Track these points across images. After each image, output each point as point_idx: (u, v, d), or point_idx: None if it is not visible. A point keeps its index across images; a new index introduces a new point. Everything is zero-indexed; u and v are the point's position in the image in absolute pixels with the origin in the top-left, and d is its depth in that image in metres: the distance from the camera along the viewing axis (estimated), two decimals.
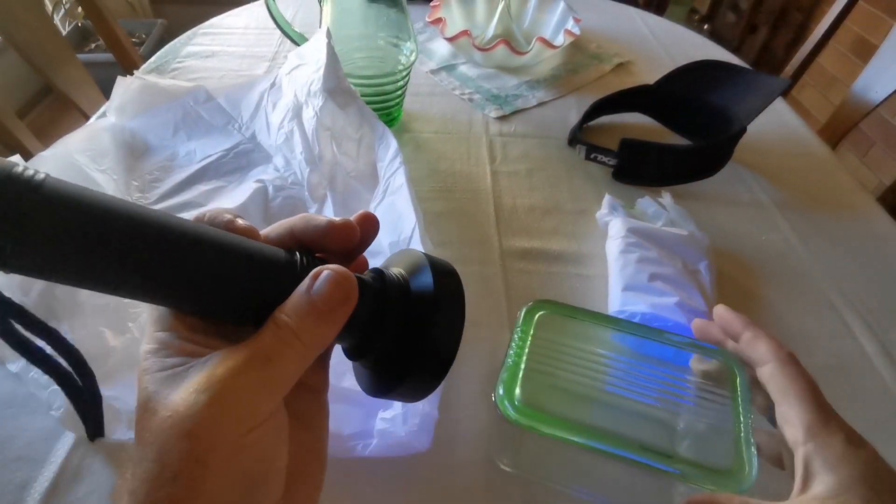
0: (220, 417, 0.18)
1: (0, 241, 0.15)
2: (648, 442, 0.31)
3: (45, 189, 0.16)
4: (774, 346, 0.31)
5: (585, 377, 0.34)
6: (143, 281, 0.18)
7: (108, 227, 0.17)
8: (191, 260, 0.19)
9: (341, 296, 0.20)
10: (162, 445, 0.17)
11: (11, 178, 0.15)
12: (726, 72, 0.71)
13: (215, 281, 0.19)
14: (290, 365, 0.19)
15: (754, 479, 0.29)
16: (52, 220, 0.16)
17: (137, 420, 0.19)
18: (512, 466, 0.37)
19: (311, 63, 0.54)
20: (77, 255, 0.17)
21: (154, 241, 0.18)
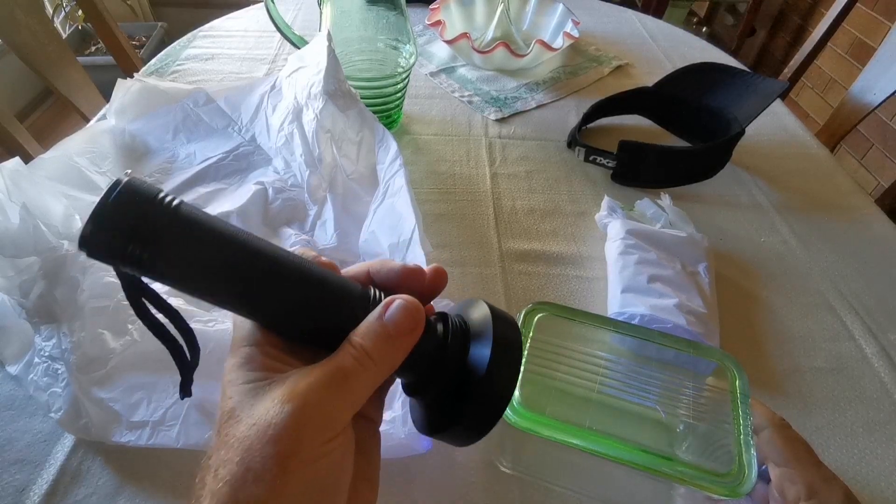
0: (303, 426, 0.19)
1: (139, 251, 0.19)
2: (648, 444, 0.31)
3: (181, 212, 0.19)
4: (768, 413, 0.33)
5: (585, 379, 0.34)
6: (249, 300, 0.21)
7: (227, 250, 0.20)
8: (292, 287, 0.22)
9: (411, 323, 0.22)
10: (246, 450, 0.19)
11: (155, 201, 0.19)
12: (725, 74, 0.71)
13: (308, 307, 0.22)
14: (363, 383, 0.21)
15: (754, 482, 0.29)
16: (182, 238, 0.19)
17: (220, 427, 0.20)
18: (512, 468, 0.37)
19: (312, 66, 0.54)
20: (198, 270, 0.20)
21: (264, 267, 0.21)
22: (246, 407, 0.20)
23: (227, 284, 0.21)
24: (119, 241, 0.18)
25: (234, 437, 0.19)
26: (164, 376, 0.37)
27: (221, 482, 0.19)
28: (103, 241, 0.18)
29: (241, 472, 0.19)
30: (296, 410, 0.19)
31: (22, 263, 0.38)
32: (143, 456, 0.36)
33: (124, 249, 0.18)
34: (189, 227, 0.20)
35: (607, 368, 0.35)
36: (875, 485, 0.38)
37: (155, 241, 0.19)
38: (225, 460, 0.19)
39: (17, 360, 0.39)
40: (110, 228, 0.18)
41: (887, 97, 0.83)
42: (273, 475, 0.19)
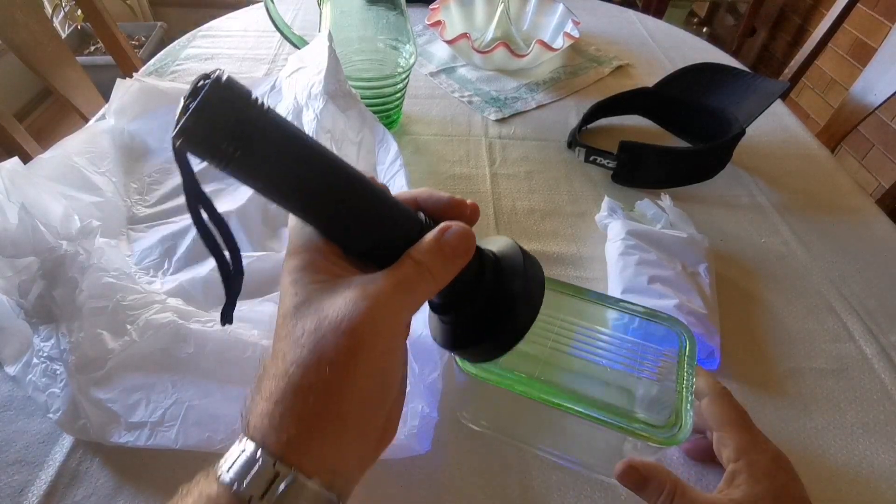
0: (375, 322, 0.21)
1: (234, 148, 0.19)
2: (589, 394, 0.33)
3: (272, 115, 0.20)
4: (711, 381, 0.36)
5: (541, 337, 0.37)
6: (323, 208, 0.22)
7: (309, 158, 0.21)
8: (364, 201, 0.23)
9: (465, 246, 0.24)
10: (320, 339, 0.21)
11: (251, 101, 0.20)
12: (725, 74, 0.71)
13: (375, 222, 0.24)
14: (423, 293, 0.23)
15: (689, 432, 0.31)
16: (272, 140, 0.20)
17: (284, 322, 0.22)
18: (472, 422, 0.39)
19: (312, 66, 0.54)
20: (282, 174, 0.21)
21: (341, 179, 0.22)
22: (314, 303, 0.22)
23: (306, 191, 0.22)
24: (218, 135, 0.19)
25: (302, 329, 0.21)
26: (163, 377, 0.37)
27: (293, 365, 0.21)
28: (204, 134, 0.19)
29: (314, 357, 0.21)
30: (370, 308, 0.21)
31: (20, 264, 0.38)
32: (141, 457, 0.36)
33: (220, 144, 0.19)
34: (279, 131, 0.20)
35: (563, 329, 0.38)
36: (875, 485, 0.38)
37: (249, 140, 0.19)
38: (294, 347, 0.21)
39: (16, 360, 0.39)
40: (213, 122, 0.19)
41: (888, 98, 0.83)
42: (345, 362, 0.21)
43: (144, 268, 0.48)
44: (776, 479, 0.31)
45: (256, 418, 0.21)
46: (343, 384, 0.21)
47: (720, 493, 0.31)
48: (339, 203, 0.23)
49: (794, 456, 0.33)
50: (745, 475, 0.31)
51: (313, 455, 0.21)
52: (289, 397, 0.21)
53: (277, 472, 0.20)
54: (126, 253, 0.49)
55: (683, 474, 0.38)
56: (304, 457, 0.21)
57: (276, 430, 0.21)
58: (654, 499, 0.31)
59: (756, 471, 0.31)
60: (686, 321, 0.43)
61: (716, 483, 0.33)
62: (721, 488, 0.32)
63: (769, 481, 0.31)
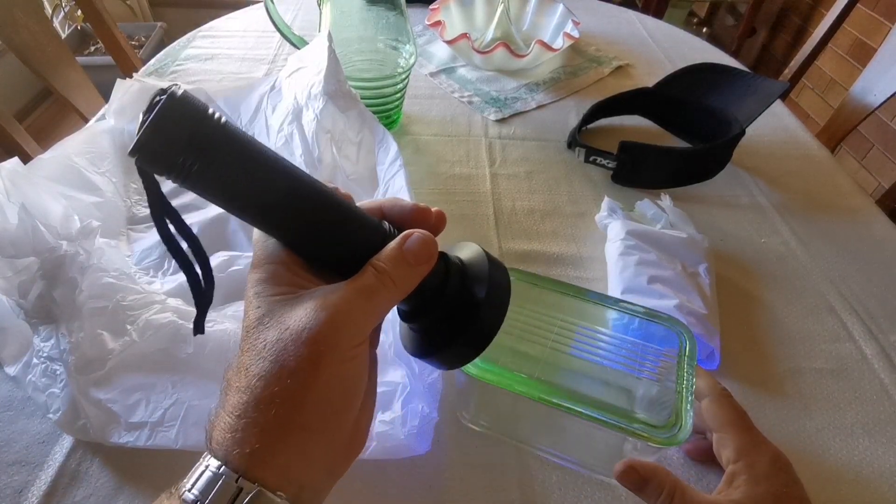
0: (336, 331, 0.21)
1: (191, 161, 0.19)
2: (590, 394, 0.33)
3: (229, 128, 0.20)
4: (711, 382, 0.36)
5: (541, 337, 0.37)
6: (283, 219, 0.23)
7: (268, 169, 0.21)
8: (324, 211, 0.23)
9: (426, 253, 0.24)
10: (281, 351, 0.21)
11: (207, 115, 0.20)
12: (725, 75, 0.71)
13: (337, 232, 0.24)
14: (385, 301, 0.23)
15: (689, 432, 0.31)
16: (226, 151, 0.20)
17: (248, 334, 0.22)
18: (471, 421, 0.39)
19: (312, 66, 0.54)
20: (241, 185, 0.21)
21: (294, 188, 0.22)
22: (276, 315, 0.22)
23: (266, 204, 0.22)
24: (174, 149, 0.19)
25: (264, 341, 0.21)
26: (163, 377, 0.37)
27: (255, 378, 0.21)
28: (159, 149, 0.19)
29: (275, 368, 0.21)
30: (330, 316, 0.21)
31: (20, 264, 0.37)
32: (141, 457, 0.36)
33: (176, 159, 0.19)
34: (236, 144, 0.21)
35: (563, 329, 0.38)
36: (875, 486, 0.38)
37: (206, 154, 0.19)
38: (256, 360, 0.21)
39: (16, 360, 0.39)
40: (167, 136, 0.19)
41: (888, 98, 0.83)
42: (306, 372, 0.21)
43: (144, 268, 0.48)
44: (776, 481, 0.31)
45: (220, 433, 0.21)
46: (305, 394, 0.21)
47: (720, 494, 0.31)
48: (300, 215, 0.23)
49: (793, 456, 0.33)
50: (745, 476, 0.31)
51: (278, 468, 0.21)
52: (251, 410, 0.21)
53: (241, 488, 0.20)
54: (126, 253, 0.49)
55: (683, 475, 0.38)
56: (268, 470, 0.21)
57: (240, 443, 0.21)
58: (654, 499, 0.31)
59: (756, 472, 0.31)
60: (686, 321, 0.43)
61: (716, 484, 0.33)
62: (721, 489, 0.32)
63: (769, 483, 0.31)
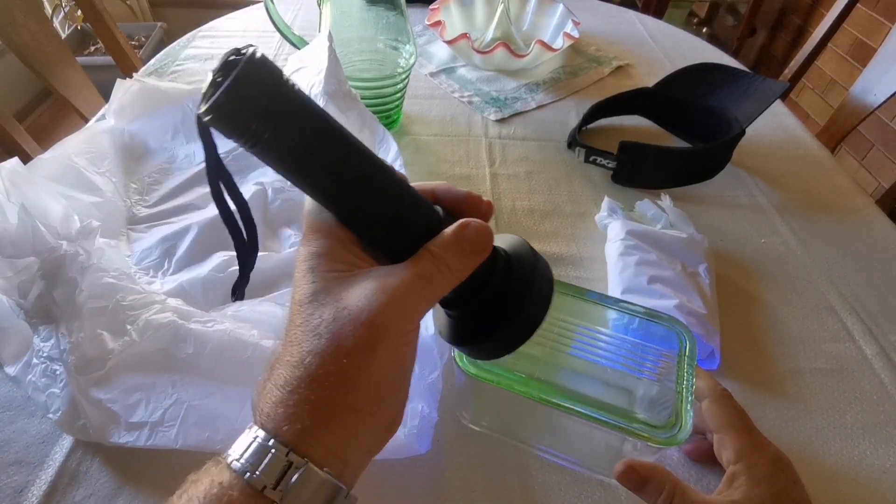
0: (394, 315, 0.21)
1: (263, 129, 0.19)
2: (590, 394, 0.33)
3: (302, 96, 0.20)
4: (712, 383, 0.36)
5: (542, 337, 0.36)
6: (345, 192, 0.22)
7: (337, 142, 0.21)
8: (388, 190, 0.23)
9: (483, 243, 0.24)
10: (338, 330, 0.21)
11: (283, 82, 0.19)
12: (725, 75, 0.71)
13: (391, 204, 0.23)
14: (440, 288, 0.23)
15: (689, 432, 0.31)
16: (303, 123, 0.20)
17: (300, 308, 0.22)
18: (471, 421, 0.39)
19: (312, 66, 0.54)
20: (310, 157, 0.20)
21: (368, 165, 0.22)
22: (332, 292, 0.22)
23: (330, 175, 0.21)
24: (250, 114, 0.18)
25: (320, 318, 0.21)
26: (163, 377, 0.37)
27: (309, 354, 0.21)
28: (235, 112, 0.18)
29: (331, 347, 0.21)
30: (390, 301, 0.21)
31: (20, 264, 0.38)
32: (141, 457, 0.36)
33: (251, 124, 0.18)
34: (307, 113, 0.20)
35: (563, 329, 0.37)
36: (875, 486, 0.38)
37: (279, 121, 0.19)
38: (311, 336, 0.21)
39: (16, 360, 0.39)
40: (246, 100, 0.18)
41: (888, 98, 0.83)
42: (363, 353, 0.21)
43: (144, 268, 0.48)
44: (776, 482, 0.31)
45: (269, 406, 0.21)
46: (360, 376, 0.21)
47: (720, 495, 0.31)
48: (362, 192, 0.22)
49: (793, 456, 0.33)
50: (745, 477, 0.31)
51: (326, 445, 0.21)
52: (304, 386, 0.21)
53: (290, 462, 0.20)
54: (126, 253, 0.49)
55: (683, 475, 0.38)
56: (316, 447, 0.21)
57: (290, 419, 0.21)
58: (654, 499, 0.31)
59: (756, 473, 0.31)
60: (686, 321, 0.43)
61: (716, 484, 0.33)
62: (721, 490, 0.32)
63: (769, 484, 0.31)
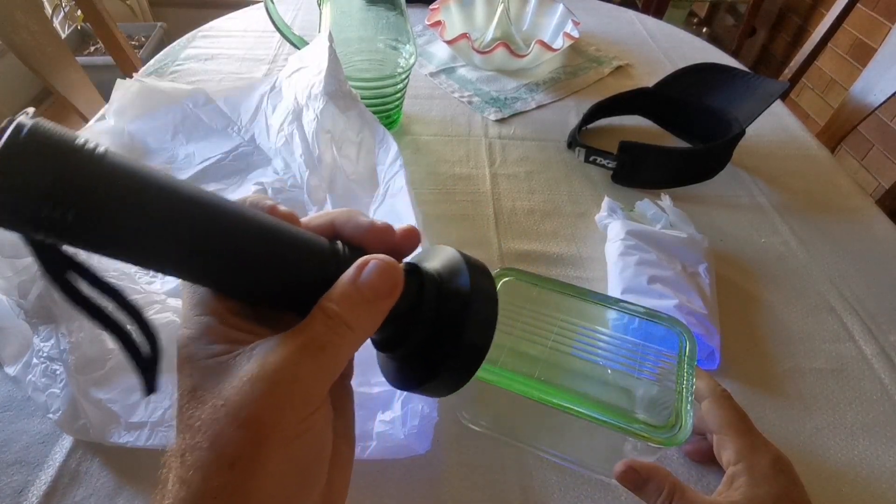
0: (278, 406, 0.18)
1: (62, 211, 0.15)
2: (590, 394, 0.34)
3: (107, 161, 0.16)
4: (711, 383, 0.36)
5: (541, 337, 0.37)
6: (194, 262, 0.18)
7: (164, 204, 0.17)
8: (242, 243, 0.19)
9: (389, 286, 0.20)
10: (216, 434, 0.17)
11: (75, 149, 0.15)
12: (725, 75, 0.71)
13: (264, 265, 0.19)
14: (341, 353, 0.19)
15: (689, 433, 0.31)
16: (112, 191, 0.16)
17: (182, 408, 0.19)
18: (471, 421, 0.39)
19: (313, 66, 0.54)
20: (133, 229, 0.17)
21: (208, 223, 0.18)
22: (210, 386, 0.18)
23: (172, 246, 0.18)
24: (32, 201, 0.14)
25: (200, 420, 0.18)
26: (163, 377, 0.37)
27: (191, 469, 0.18)
28: (10, 200, 0.14)
29: (212, 457, 0.17)
30: (269, 389, 0.18)
31: (20, 264, 0.38)
32: (141, 457, 0.36)
33: (39, 212, 0.15)
34: (125, 179, 0.16)
35: (563, 329, 0.37)
36: (875, 486, 0.38)
37: (81, 200, 0.15)
38: (192, 445, 0.18)
39: (16, 360, 0.39)
40: (19, 185, 0.14)
41: (888, 98, 0.83)
42: (249, 459, 0.17)
43: None
44: (776, 483, 0.31)
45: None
46: (251, 483, 0.17)
47: (719, 496, 0.31)
48: (223, 253, 0.19)
49: (793, 456, 0.33)
50: (745, 478, 0.31)
51: None
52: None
53: None
54: None
55: (683, 476, 0.38)
56: None
57: None
58: (654, 499, 0.31)
59: (756, 474, 0.31)
60: (686, 321, 0.43)
61: (715, 485, 0.33)
62: (720, 491, 0.32)
63: (769, 484, 0.31)
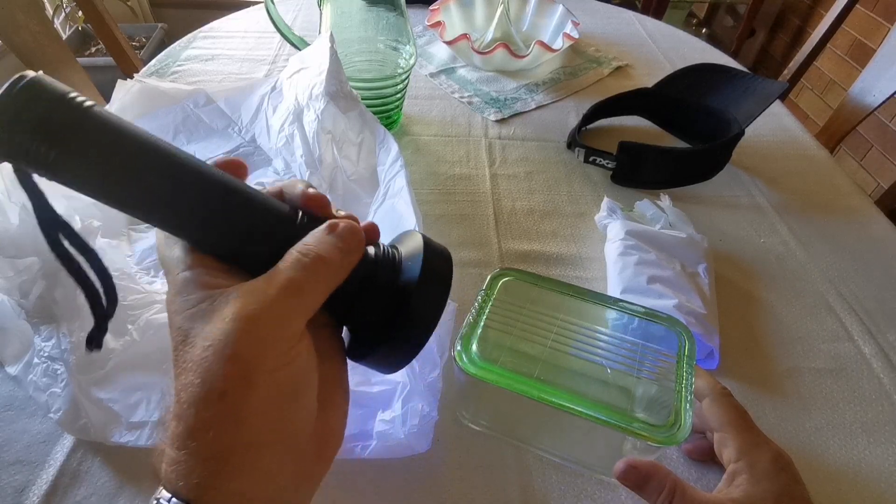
0: (259, 341, 0.20)
1: (46, 149, 0.18)
2: (590, 394, 0.34)
3: (92, 113, 0.19)
4: (711, 381, 0.36)
5: (540, 336, 0.37)
6: (169, 212, 0.21)
7: (143, 156, 0.20)
8: (211, 196, 0.21)
9: (356, 241, 0.23)
10: (206, 371, 0.19)
11: (65, 99, 0.18)
12: (724, 75, 0.72)
13: (231, 216, 0.22)
14: (316, 292, 0.21)
15: (688, 432, 0.31)
16: (93, 138, 0.18)
17: (176, 357, 0.20)
18: (471, 421, 0.39)
19: (314, 67, 0.54)
20: (112, 175, 0.19)
21: (187, 177, 0.20)
22: (197, 329, 0.20)
23: (144, 193, 0.20)
24: (24, 135, 0.18)
25: (190, 361, 0.20)
26: (164, 376, 0.37)
27: (185, 405, 0.19)
28: (5, 135, 0.18)
29: (203, 392, 0.19)
30: (249, 328, 0.19)
31: (21, 264, 0.38)
32: (142, 456, 0.36)
33: (29, 143, 0.18)
34: (103, 128, 0.19)
35: (563, 329, 0.38)
36: (875, 485, 0.38)
37: (63, 139, 0.18)
38: (185, 384, 0.20)
39: (17, 360, 0.39)
40: (14, 121, 0.17)
41: (887, 98, 0.84)
42: (238, 391, 0.19)
43: (145, 268, 0.48)
44: (777, 480, 0.31)
45: (167, 466, 0.20)
46: (242, 412, 0.19)
47: (720, 493, 0.31)
48: (198, 204, 0.21)
49: (792, 455, 0.33)
50: (746, 475, 0.31)
51: (232, 494, 0.20)
52: (189, 440, 0.19)
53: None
54: (127, 253, 0.49)
55: (683, 474, 0.38)
56: (218, 497, 0.19)
57: (185, 476, 0.19)
58: (654, 498, 0.31)
59: (757, 471, 0.31)
60: (685, 321, 0.43)
61: (715, 483, 0.33)
62: (721, 488, 0.32)
63: (770, 482, 0.31)
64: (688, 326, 0.37)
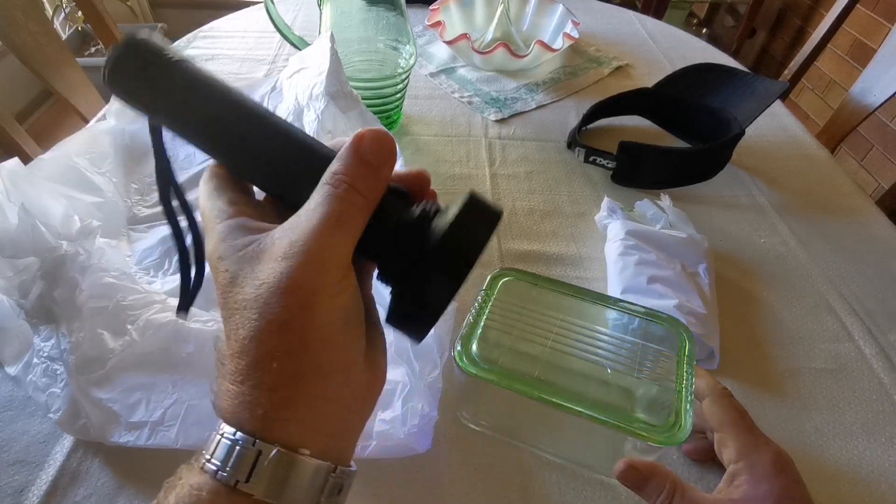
0: (316, 272, 0.20)
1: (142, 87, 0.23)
2: (591, 394, 0.34)
3: (177, 64, 0.23)
4: (711, 381, 0.36)
5: (540, 336, 0.37)
6: (238, 144, 0.23)
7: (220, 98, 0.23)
8: (275, 134, 0.23)
9: (387, 150, 0.22)
10: (263, 305, 0.20)
11: (158, 52, 0.23)
12: (725, 75, 0.72)
13: (292, 152, 0.24)
14: (356, 217, 0.22)
15: (689, 432, 0.31)
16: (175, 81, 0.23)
17: (225, 299, 0.21)
18: (471, 421, 0.39)
19: (314, 67, 0.54)
20: (195, 114, 0.23)
21: (252, 113, 0.23)
22: (247, 271, 0.21)
23: (221, 128, 0.23)
24: (132, 76, 0.22)
25: (243, 300, 0.20)
26: (163, 376, 0.37)
27: (247, 339, 0.20)
28: (120, 75, 0.23)
29: (264, 324, 0.19)
30: (302, 262, 0.20)
31: (21, 264, 0.38)
32: (142, 456, 0.36)
33: (130, 85, 0.23)
34: (185, 77, 0.23)
35: (563, 329, 0.38)
36: (875, 485, 0.38)
37: (158, 83, 0.22)
38: (242, 321, 0.20)
39: (16, 360, 0.39)
40: (122, 66, 0.22)
41: (887, 98, 0.83)
42: (298, 318, 0.20)
43: (145, 268, 0.48)
44: (777, 481, 0.31)
45: (227, 402, 0.20)
46: (304, 340, 0.20)
47: (720, 494, 0.31)
48: (253, 137, 0.23)
49: (792, 455, 0.33)
50: (746, 476, 0.31)
51: (296, 423, 0.20)
52: (253, 372, 0.20)
53: (259, 451, 0.19)
54: (126, 253, 0.49)
55: (683, 474, 0.38)
56: (285, 429, 0.20)
57: (249, 407, 0.20)
58: (654, 498, 0.31)
59: (757, 472, 0.31)
60: (685, 321, 0.43)
61: (715, 484, 0.33)
62: (721, 488, 0.32)
63: (770, 483, 0.31)
64: (688, 326, 0.37)
